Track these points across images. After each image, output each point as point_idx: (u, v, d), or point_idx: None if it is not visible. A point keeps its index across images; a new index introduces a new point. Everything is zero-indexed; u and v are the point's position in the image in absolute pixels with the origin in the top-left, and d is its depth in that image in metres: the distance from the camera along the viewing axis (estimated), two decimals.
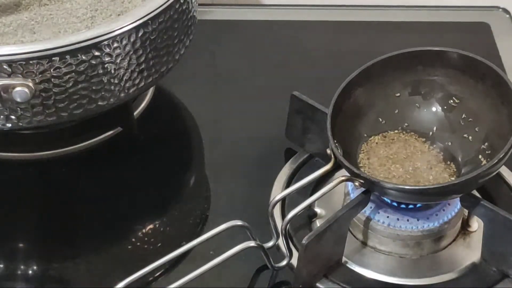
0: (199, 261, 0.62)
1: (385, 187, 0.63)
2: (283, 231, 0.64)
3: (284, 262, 0.65)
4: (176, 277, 0.62)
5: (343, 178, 0.65)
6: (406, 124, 0.72)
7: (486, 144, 0.68)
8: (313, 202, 0.67)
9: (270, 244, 0.65)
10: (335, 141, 0.66)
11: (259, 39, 0.98)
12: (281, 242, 0.65)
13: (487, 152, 0.68)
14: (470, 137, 0.70)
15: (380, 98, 0.72)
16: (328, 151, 0.67)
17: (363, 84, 0.71)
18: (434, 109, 0.72)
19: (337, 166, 0.67)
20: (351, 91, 0.70)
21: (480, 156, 0.68)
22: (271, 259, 0.65)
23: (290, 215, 0.64)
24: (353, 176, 0.64)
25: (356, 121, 0.71)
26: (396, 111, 0.72)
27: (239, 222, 0.63)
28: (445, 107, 0.72)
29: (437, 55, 0.71)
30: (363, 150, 0.70)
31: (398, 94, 0.72)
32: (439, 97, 0.72)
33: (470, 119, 0.70)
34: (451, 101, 0.71)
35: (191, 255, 0.65)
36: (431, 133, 0.71)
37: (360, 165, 0.69)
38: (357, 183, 0.64)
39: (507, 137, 0.63)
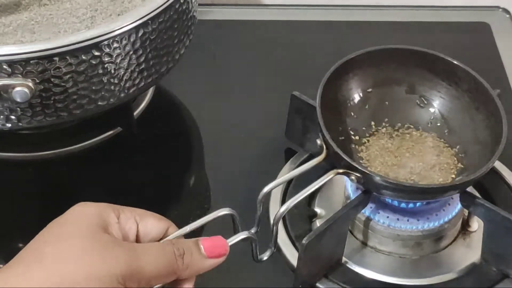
0: None
1: (381, 181, 0.62)
2: (275, 225, 0.61)
3: (267, 253, 0.62)
4: None
5: (340, 171, 0.64)
6: (398, 123, 0.73)
7: (458, 147, 0.69)
8: (306, 197, 0.65)
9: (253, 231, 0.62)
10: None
11: (259, 39, 0.98)
12: (271, 233, 0.62)
13: (460, 155, 0.69)
14: (442, 140, 0.71)
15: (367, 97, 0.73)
16: (319, 141, 0.66)
17: (342, 82, 0.72)
18: (417, 107, 0.73)
19: (333, 165, 0.66)
20: (336, 87, 0.71)
21: (454, 159, 0.69)
22: (258, 251, 0.61)
23: (282, 208, 0.62)
24: (349, 169, 0.63)
25: (346, 120, 0.71)
26: (388, 109, 0.73)
27: (226, 211, 0.60)
28: (422, 106, 0.73)
29: (414, 55, 0.71)
30: (359, 152, 0.70)
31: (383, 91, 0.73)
32: (420, 97, 0.73)
33: (438, 123, 0.71)
34: (426, 101, 0.72)
35: None
36: (425, 131, 0.72)
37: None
38: (353, 177, 0.63)
39: (486, 141, 0.65)
